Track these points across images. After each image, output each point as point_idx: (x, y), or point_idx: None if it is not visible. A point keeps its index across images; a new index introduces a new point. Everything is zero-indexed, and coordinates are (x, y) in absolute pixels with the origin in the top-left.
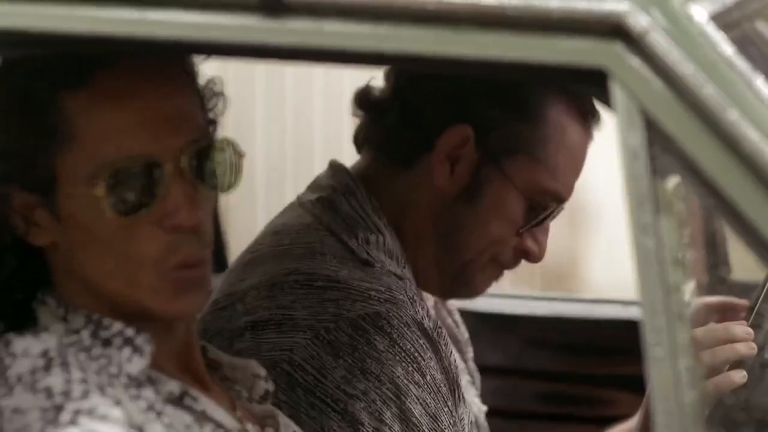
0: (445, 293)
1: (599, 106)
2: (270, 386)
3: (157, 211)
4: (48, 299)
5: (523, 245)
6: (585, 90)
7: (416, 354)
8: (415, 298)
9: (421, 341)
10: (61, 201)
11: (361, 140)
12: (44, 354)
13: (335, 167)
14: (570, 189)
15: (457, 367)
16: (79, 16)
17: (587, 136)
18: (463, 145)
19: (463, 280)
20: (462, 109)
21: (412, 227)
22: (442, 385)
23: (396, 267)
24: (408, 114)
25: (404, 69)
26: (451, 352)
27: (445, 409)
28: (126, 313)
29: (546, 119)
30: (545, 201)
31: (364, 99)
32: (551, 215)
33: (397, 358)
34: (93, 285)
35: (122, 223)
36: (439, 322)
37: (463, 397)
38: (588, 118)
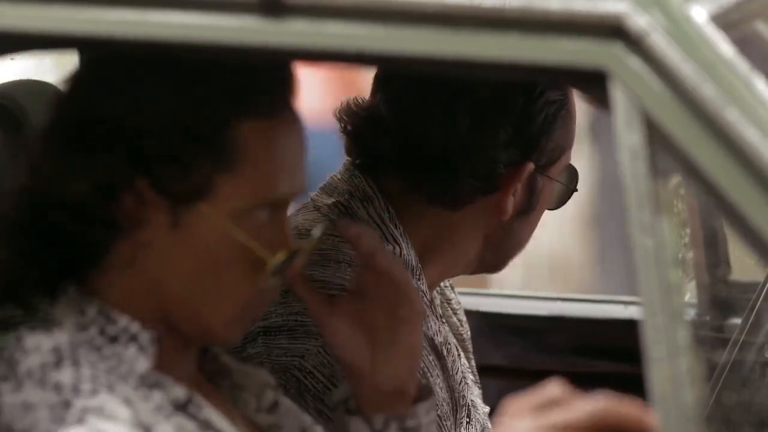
0: (490, 268)
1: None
2: (279, 396)
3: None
4: (69, 288)
5: None
6: (585, 91)
7: (425, 369)
8: (427, 313)
9: (430, 357)
10: (191, 214)
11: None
12: (55, 350)
13: (352, 169)
14: None
15: (462, 381)
16: (79, 17)
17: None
18: (527, 176)
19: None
20: (526, 144)
21: (451, 255)
22: (444, 404)
23: (411, 279)
24: (471, 163)
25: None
26: (458, 370)
27: (446, 425)
28: (179, 328)
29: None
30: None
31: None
32: None
33: None
34: (166, 297)
35: (245, 260)
36: (447, 339)
37: (470, 410)
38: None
